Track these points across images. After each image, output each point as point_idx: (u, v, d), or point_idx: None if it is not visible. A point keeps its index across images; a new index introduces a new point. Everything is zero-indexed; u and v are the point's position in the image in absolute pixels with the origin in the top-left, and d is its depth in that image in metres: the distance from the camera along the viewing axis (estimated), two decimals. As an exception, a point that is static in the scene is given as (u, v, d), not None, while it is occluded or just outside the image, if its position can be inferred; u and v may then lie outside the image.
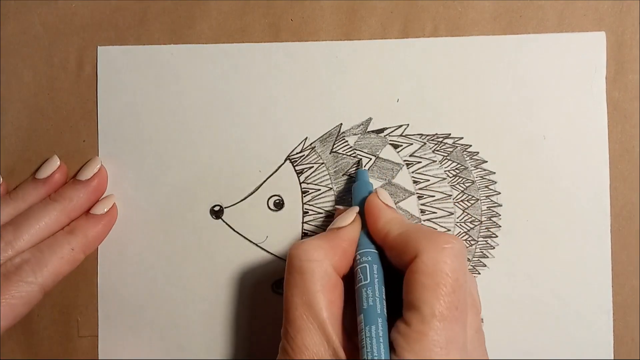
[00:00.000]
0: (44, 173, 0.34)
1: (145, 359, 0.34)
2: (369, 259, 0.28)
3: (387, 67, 0.34)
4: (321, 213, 0.34)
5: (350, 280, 0.29)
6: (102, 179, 0.34)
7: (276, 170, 0.34)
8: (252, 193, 0.34)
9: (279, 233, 0.34)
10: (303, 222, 0.34)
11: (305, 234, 0.34)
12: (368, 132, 0.34)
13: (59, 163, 0.34)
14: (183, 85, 0.34)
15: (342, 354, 0.26)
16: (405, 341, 0.25)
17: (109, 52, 0.35)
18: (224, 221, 0.34)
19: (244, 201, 0.34)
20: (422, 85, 0.34)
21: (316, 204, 0.34)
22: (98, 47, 0.35)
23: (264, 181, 0.34)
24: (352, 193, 0.33)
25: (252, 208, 0.34)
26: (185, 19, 0.34)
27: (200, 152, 0.34)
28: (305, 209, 0.34)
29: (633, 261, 0.33)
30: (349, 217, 0.30)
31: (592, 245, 0.33)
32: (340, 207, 0.33)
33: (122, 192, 0.34)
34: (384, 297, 0.27)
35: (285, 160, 0.34)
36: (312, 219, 0.34)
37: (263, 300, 0.34)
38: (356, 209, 0.30)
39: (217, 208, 0.34)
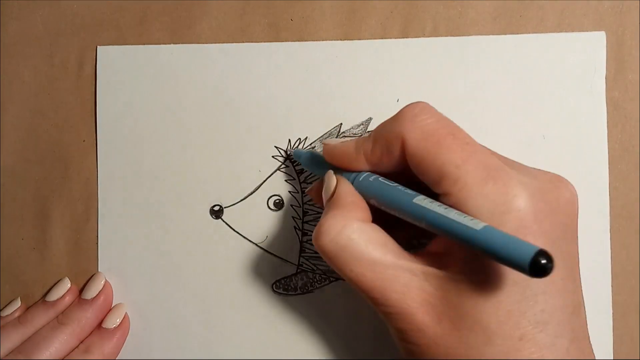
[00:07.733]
0: (54, 295, 0.33)
1: (145, 359, 0.34)
2: (369, 179, 0.27)
3: (387, 67, 0.34)
4: (321, 213, 0.34)
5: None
6: (108, 294, 0.34)
7: (276, 170, 0.34)
8: (252, 193, 0.34)
9: (279, 233, 0.34)
10: (303, 222, 0.34)
11: (305, 234, 0.34)
12: (368, 132, 0.34)
13: (69, 285, 0.34)
14: (183, 85, 0.34)
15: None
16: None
17: (109, 52, 0.35)
18: (223, 221, 0.34)
19: (243, 201, 0.34)
20: (422, 85, 0.34)
21: (316, 204, 0.34)
22: (98, 47, 0.35)
23: (264, 181, 0.34)
24: (311, 168, 0.32)
25: (252, 208, 0.34)
26: (185, 19, 0.34)
27: (200, 151, 0.34)
28: (305, 209, 0.34)
29: (633, 261, 0.33)
30: (332, 178, 0.28)
31: (592, 245, 0.33)
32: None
33: (122, 192, 0.34)
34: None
35: (285, 160, 0.34)
36: (312, 219, 0.34)
37: (263, 300, 0.34)
38: (330, 172, 0.29)
39: (217, 208, 0.34)
